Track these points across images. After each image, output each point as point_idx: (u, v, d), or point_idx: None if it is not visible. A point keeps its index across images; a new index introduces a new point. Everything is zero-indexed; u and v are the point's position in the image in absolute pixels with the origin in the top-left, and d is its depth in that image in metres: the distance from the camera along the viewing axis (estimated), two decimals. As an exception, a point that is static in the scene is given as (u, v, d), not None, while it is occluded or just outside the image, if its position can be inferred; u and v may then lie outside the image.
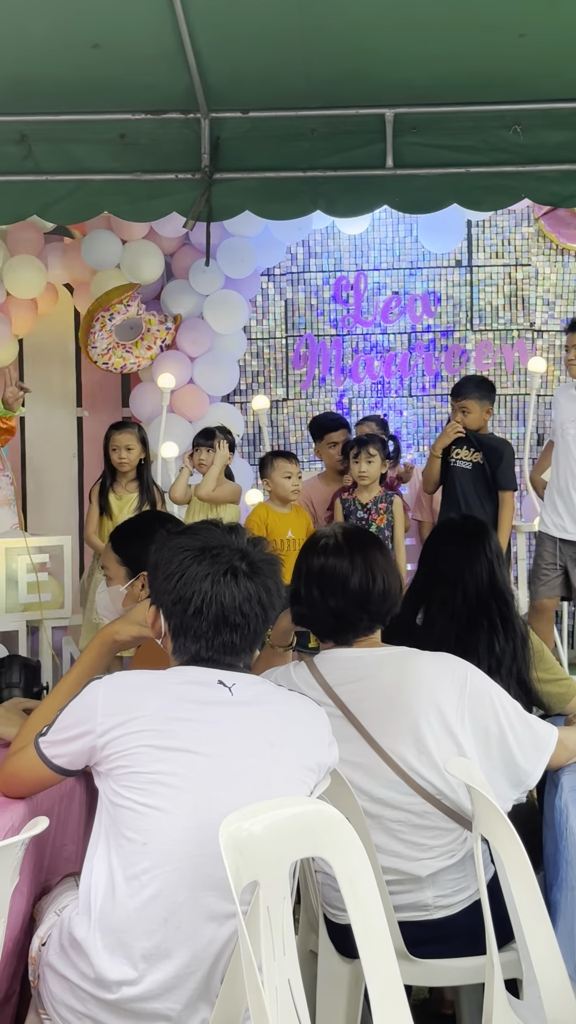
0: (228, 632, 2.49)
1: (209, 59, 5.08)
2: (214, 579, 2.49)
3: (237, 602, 2.48)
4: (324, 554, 3.02)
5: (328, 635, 3.06)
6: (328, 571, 2.99)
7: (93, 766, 2.46)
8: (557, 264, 8.61)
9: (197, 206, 5.45)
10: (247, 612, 2.50)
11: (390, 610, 3.03)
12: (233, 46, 5.01)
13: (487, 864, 2.80)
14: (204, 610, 2.48)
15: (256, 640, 2.56)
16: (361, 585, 2.96)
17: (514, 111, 5.36)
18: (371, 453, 6.57)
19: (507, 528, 6.78)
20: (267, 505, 6.70)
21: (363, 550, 3.01)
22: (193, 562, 2.52)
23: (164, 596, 2.55)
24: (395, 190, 5.51)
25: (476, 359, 8.64)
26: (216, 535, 2.59)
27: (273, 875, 2.13)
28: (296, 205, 5.62)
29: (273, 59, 5.07)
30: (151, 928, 2.30)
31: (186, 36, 4.86)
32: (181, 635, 2.54)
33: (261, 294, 8.76)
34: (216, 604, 2.48)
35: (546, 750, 2.98)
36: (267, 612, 2.54)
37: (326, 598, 2.98)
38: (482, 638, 3.39)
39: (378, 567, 2.99)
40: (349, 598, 2.96)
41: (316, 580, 3.00)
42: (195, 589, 2.49)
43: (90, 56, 4.96)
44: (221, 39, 4.95)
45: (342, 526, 3.15)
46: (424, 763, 2.84)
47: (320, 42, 4.94)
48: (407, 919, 2.89)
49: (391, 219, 8.63)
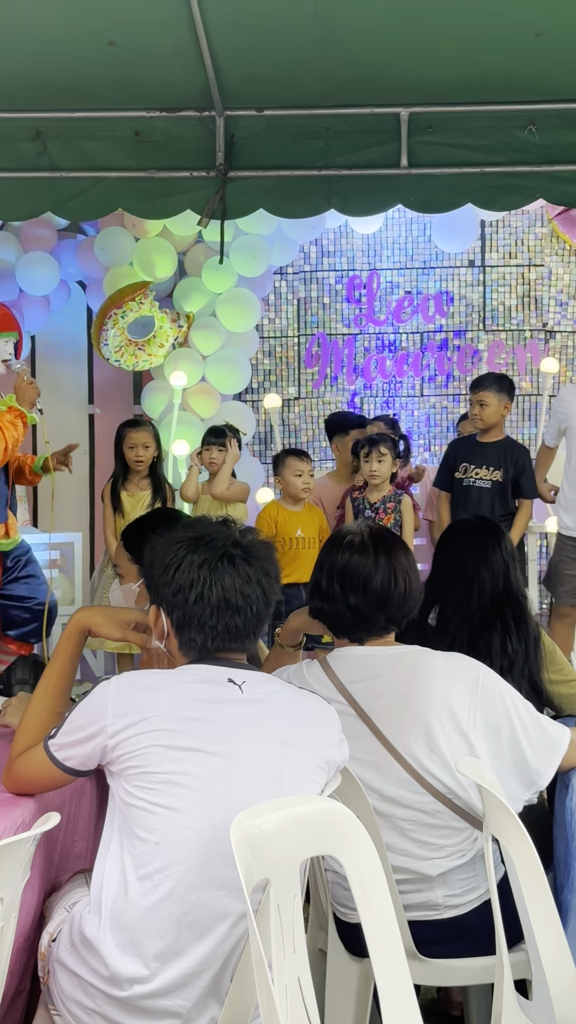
0: (231, 615, 2.49)
1: (224, 57, 5.08)
2: (211, 565, 2.50)
3: (237, 584, 2.49)
4: (349, 551, 3.02)
5: (344, 632, 3.05)
6: (352, 568, 2.99)
7: (105, 765, 2.46)
8: (570, 265, 8.61)
9: (211, 204, 5.45)
10: (248, 594, 2.50)
11: (408, 613, 3.03)
12: (248, 44, 5.01)
13: (497, 864, 2.79)
14: (205, 595, 2.49)
15: (259, 625, 2.55)
16: (383, 585, 2.96)
17: (529, 111, 5.35)
18: (382, 452, 6.56)
19: (521, 531, 6.74)
20: (278, 503, 6.71)
21: (388, 551, 3.01)
22: (188, 551, 2.53)
23: (164, 589, 2.55)
24: (410, 189, 5.50)
25: (488, 359, 8.64)
26: (207, 526, 2.62)
27: (284, 873, 2.13)
28: (310, 204, 5.62)
29: (288, 58, 5.06)
30: (164, 928, 2.30)
31: (202, 34, 4.86)
32: (185, 627, 2.53)
33: (274, 292, 8.77)
34: (217, 587, 2.48)
35: (558, 751, 2.97)
36: (267, 595, 2.54)
37: (347, 595, 2.98)
38: (495, 639, 3.38)
39: (401, 569, 2.99)
40: (370, 597, 2.96)
41: (338, 576, 3.00)
42: (194, 576, 2.50)
43: (106, 53, 4.96)
44: (237, 37, 4.95)
45: (368, 525, 3.14)
46: (435, 762, 2.84)
47: (335, 41, 4.93)
48: (417, 918, 2.88)
49: (404, 218, 8.64)
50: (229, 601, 2.49)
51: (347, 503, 6.83)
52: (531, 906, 2.38)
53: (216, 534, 2.57)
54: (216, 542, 2.54)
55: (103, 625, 2.92)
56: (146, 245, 7.81)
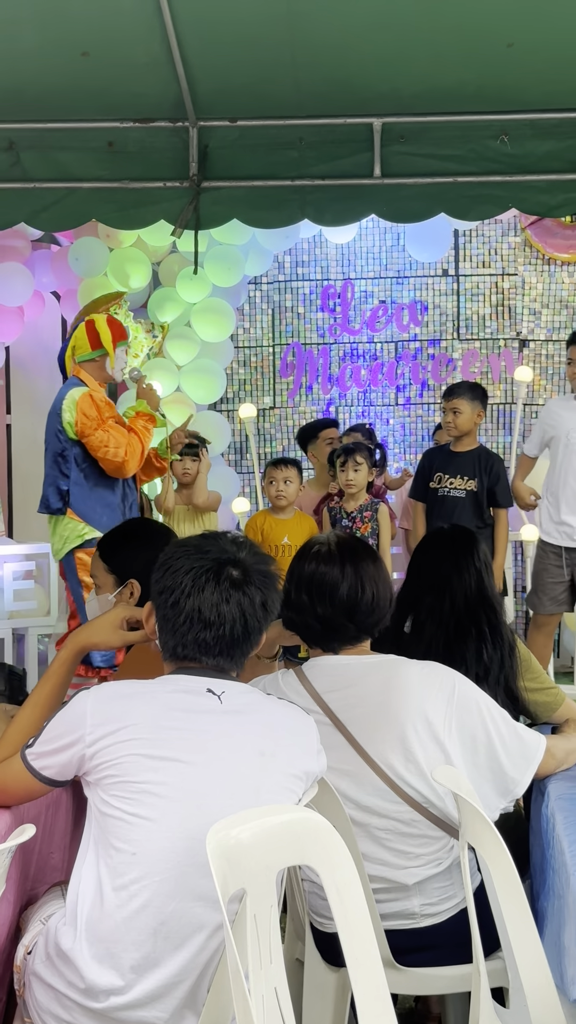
0: (201, 628, 2.49)
1: (198, 68, 5.09)
2: (196, 575, 2.50)
3: (214, 600, 2.48)
4: (316, 561, 3.03)
5: (315, 641, 3.06)
6: (318, 578, 3.00)
7: (82, 775, 2.45)
8: (544, 274, 8.64)
9: (185, 214, 5.46)
10: (223, 612, 2.48)
11: (378, 621, 3.04)
12: (221, 55, 5.01)
13: (474, 872, 2.80)
14: (181, 602, 2.49)
15: (233, 646, 2.52)
16: (350, 594, 2.97)
17: (502, 121, 5.37)
18: (358, 461, 6.57)
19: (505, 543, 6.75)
20: (266, 512, 6.73)
21: (355, 560, 3.02)
22: (184, 556, 2.54)
23: (154, 588, 2.57)
24: (383, 199, 5.52)
25: (463, 368, 8.67)
26: (216, 540, 2.61)
27: (260, 883, 2.13)
28: (284, 214, 5.63)
29: (261, 68, 5.07)
30: (140, 939, 2.29)
31: (175, 45, 4.87)
32: (163, 629, 2.55)
33: (248, 302, 8.78)
34: (194, 598, 2.48)
35: (534, 759, 2.98)
36: (247, 619, 2.51)
37: (315, 605, 2.98)
38: (470, 646, 3.39)
39: (368, 578, 3.00)
40: (337, 606, 2.97)
41: (306, 586, 3.01)
42: (177, 581, 2.50)
43: (79, 64, 4.96)
44: (210, 48, 4.96)
45: (337, 535, 3.15)
46: (411, 771, 2.84)
47: (308, 51, 4.94)
48: (394, 927, 2.88)
49: (378, 228, 8.66)
50: (202, 613, 2.48)
51: (324, 512, 6.83)
52: (507, 914, 2.39)
53: (217, 548, 2.56)
54: (211, 555, 2.54)
55: (102, 641, 2.96)
56: (120, 255, 7.81)
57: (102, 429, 6.00)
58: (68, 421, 5.96)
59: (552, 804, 2.93)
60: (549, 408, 6.78)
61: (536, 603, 6.63)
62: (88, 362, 6.21)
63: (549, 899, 2.72)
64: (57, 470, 6.04)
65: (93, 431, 5.98)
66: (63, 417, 5.97)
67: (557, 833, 2.74)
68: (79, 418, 5.96)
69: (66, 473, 6.01)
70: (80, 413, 5.96)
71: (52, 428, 6.09)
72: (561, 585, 6.47)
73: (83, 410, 5.98)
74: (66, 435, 5.99)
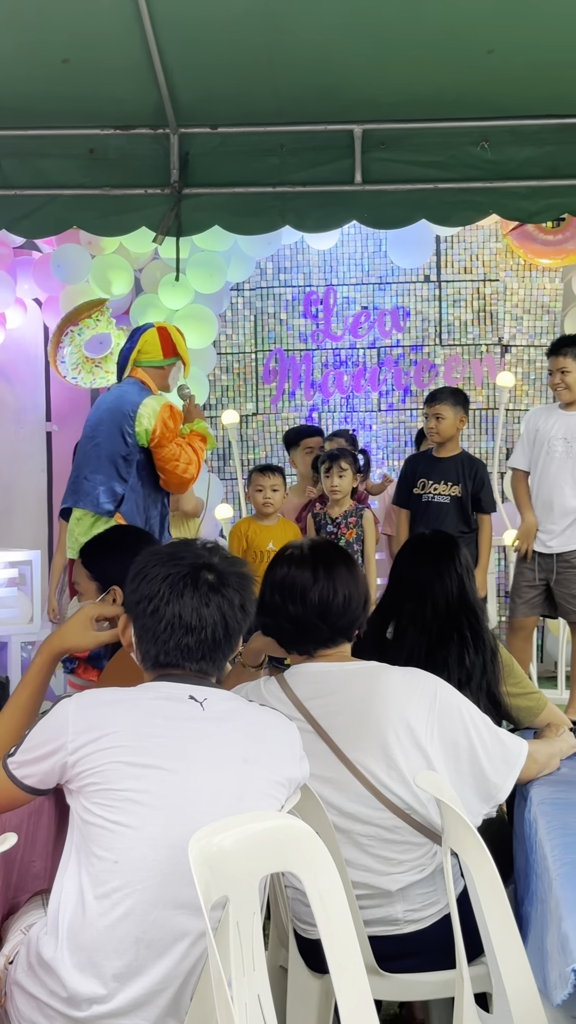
0: (183, 634, 2.49)
1: (178, 75, 5.10)
2: (173, 581, 2.50)
3: (194, 605, 2.49)
4: (288, 564, 3.04)
5: (290, 644, 3.06)
6: (290, 580, 3.00)
7: (64, 783, 2.45)
8: (525, 279, 8.66)
9: (166, 221, 5.47)
10: (204, 616, 2.49)
11: (352, 624, 3.04)
12: (202, 62, 5.03)
13: (457, 878, 2.80)
14: (161, 609, 2.49)
15: (215, 650, 2.53)
16: (322, 596, 2.97)
17: (482, 127, 5.40)
18: (343, 467, 6.57)
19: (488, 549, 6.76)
20: (250, 518, 6.73)
21: (328, 563, 3.02)
22: (158, 564, 2.54)
23: (130, 598, 2.57)
24: (364, 206, 5.53)
25: (445, 374, 8.68)
26: (190, 546, 2.62)
27: (243, 890, 2.12)
28: (265, 220, 5.64)
29: (242, 75, 5.09)
30: (122, 948, 2.28)
31: (155, 52, 4.88)
32: (143, 638, 2.54)
33: (231, 309, 8.78)
34: (174, 604, 2.48)
35: (516, 764, 2.98)
36: (227, 622, 2.52)
37: (287, 606, 2.99)
38: (452, 652, 3.39)
39: (341, 580, 3.00)
40: (309, 608, 2.97)
41: (279, 589, 3.01)
42: (155, 589, 2.50)
43: (59, 71, 4.97)
44: (190, 55, 4.97)
45: (312, 540, 3.16)
46: (393, 778, 2.84)
47: (289, 58, 4.96)
48: (377, 933, 2.88)
49: (360, 234, 8.67)
50: (183, 619, 2.48)
51: (308, 519, 6.83)
52: (490, 920, 2.39)
53: (191, 554, 2.57)
54: (186, 560, 2.54)
55: (75, 642, 2.98)
56: (102, 262, 7.80)
57: (176, 443, 5.89)
58: (146, 428, 5.75)
59: (535, 809, 2.93)
60: (532, 417, 6.78)
61: (511, 606, 6.66)
62: (154, 368, 5.99)
63: (532, 904, 2.72)
64: (114, 472, 5.79)
65: (169, 443, 5.84)
66: (139, 422, 5.75)
67: (539, 838, 2.75)
68: (159, 427, 5.77)
69: (124, 477, 5.82)
70: (161, 423, 5.78)
71: (117, 428, 5.82)
72: (535, 589, 6.49)
73: (164, 420, 5.80)
74: (135, 440, 5.81)
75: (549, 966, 2.36)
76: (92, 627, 2.96)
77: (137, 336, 6.00)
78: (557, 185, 5.45)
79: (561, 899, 2.32)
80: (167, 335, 6.00)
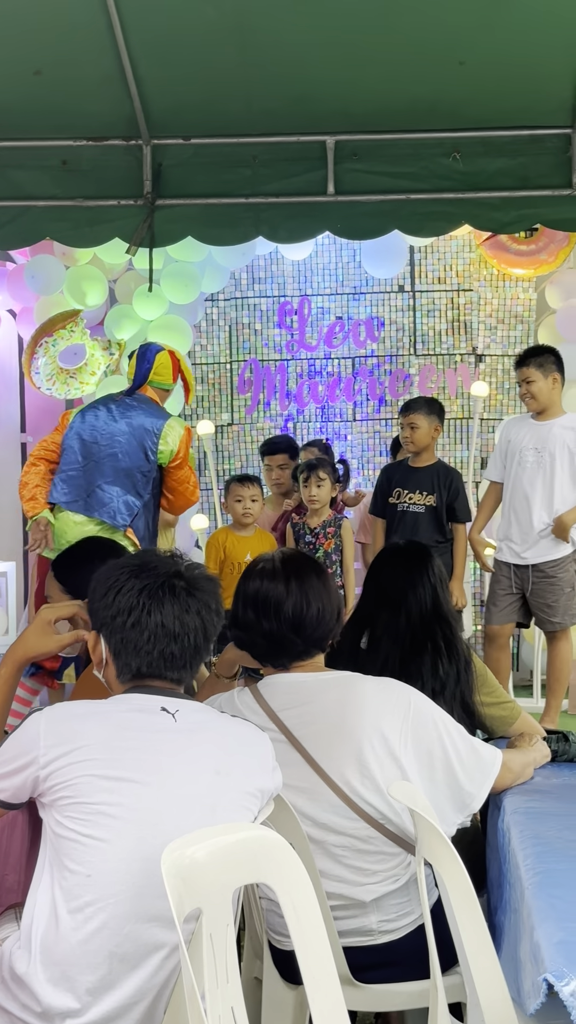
0: (168, 642, 2.49)
1: (150, 86, 5.11)
2: (151, 591, 2.51)
3: (176, 612, 2.50)
4: (261, 578, 3.04)
5: (264, 658, 3.06)
6: (263, 594, 3.00)
7: (37, 797, 2.43)
8: (499, 289, 8.69)
9: (140, 232, 5.47)
10: (186, 622, 2.50)
11: (325, 636, 3.04)
12: (174, 74, 5.04)
13: (431, 888, 2.80)
14: (143, 620, 2.49)
15: (197, 656, 2.54)
16: (295, 609, 2.97)
17: (453, 138, 5.42)
18: (321, 477, 6.59)
19: (463, 558, 6.77)
20: (228, 528, 6.74)
21: (299, 575, 3.02)
22: (131, 577, 2.54)
23: (103, 613, 2.55)
24: (337, 216, 5.55)
25: (419, 383, 8.70)
26: (153, 555, 2.63)
27: (216, 902, 2.12)
28: (238, 231, 5.65)
29: (214, 87, 5.10)
30: (96, 961, 2.27)
31: (127, 64, 4.89)
32: (123, 652, 2.53)
33: (206, 319, 8.79)
34: (156, 614, 2.49)
35: (490, 773, 2.99)
36: (206, 626, 2.54)
37: (260, 621, 2.99)
38: (426, 661, 3.40)
39: (314, 593, 3.00)
40: (283, 622, 2.97)
41: (252, 603, 3.01)
42: (134, 601, 2.50)
43: (31, 83, 4.97)
44: (162, 67, 4.98)
45: (283, 551, 3.16)
46: (368, 787, 2.84)
47: (261, 70, 4.97)
48: (351, 944, 2.88)
49: (334, 245, 8.69)
50: (167, 628, 2.49)
51: (287, 529, 6.83)
52: (464, 929, 2.39)
53: (161, 564, 2.58)
54: (159, 570, 2.55)
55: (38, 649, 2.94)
56: (76, 273, 7.80)
57: (187, 466, 6.00)
58: (171, 448, 5.84)
59: (508, 818, 2.94)
60: (506, 428, 6.80)
61: (486, 614, 6.68)
62: (163, 390, 6.17)
63: (506, 914, 2.72)
64: (131, 486, 5.83)
65: (185, 466, 5.97)
66: (165, 441, 5.83)
67: (512, 847, 2.75)
68: (182, 449, 5.90)
69: (141, 493, 5.88)
70: (183, 445, 5.91)
71: (140, 443, 5.85)
72: (510, 597, 6.50)
73: (184, 442, 5.93)
74: (156, 458, 5.86)
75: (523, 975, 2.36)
76: (52, 630, 2.94)
77: (153, 356, 6.09)
78: (529, 196, 5.49)
79: (534, 908, 2.32)
80: (176, 361, 6.17)
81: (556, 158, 5.45)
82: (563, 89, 5.17)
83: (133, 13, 4.74)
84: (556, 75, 5.12)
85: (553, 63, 5.04)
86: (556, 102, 5.26)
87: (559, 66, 5.06)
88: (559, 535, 6.33)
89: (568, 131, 5.40)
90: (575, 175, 5.41)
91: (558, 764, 3.45)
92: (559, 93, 5.20)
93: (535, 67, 5.01)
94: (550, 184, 5.47)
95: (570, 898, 2.33)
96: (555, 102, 5.26)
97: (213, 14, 4.69)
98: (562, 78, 5.12)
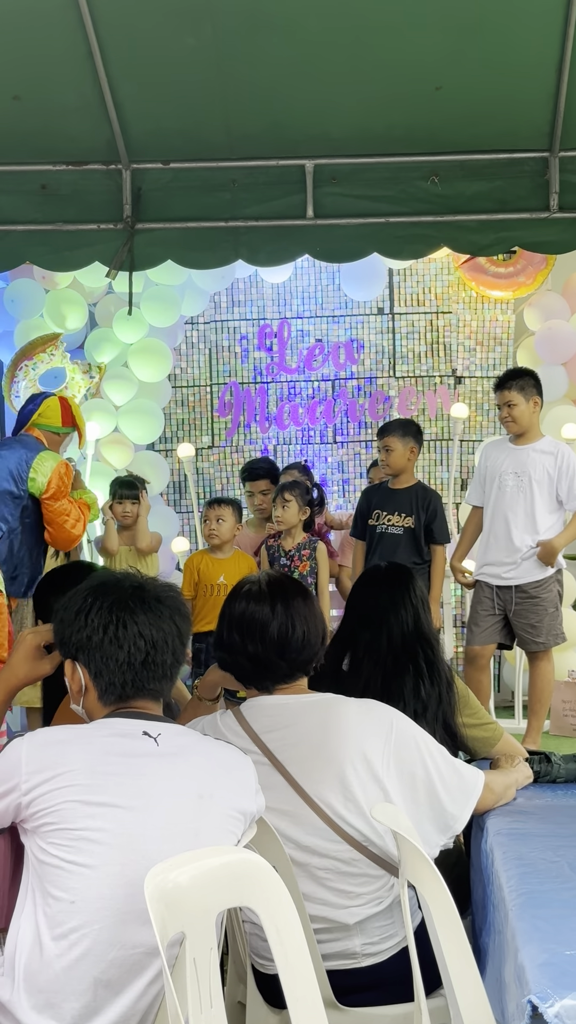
0: (148, 650, 2.50)
1: (130, 111, 5.13)
2: (121, 605, 2.52)
3: (151, 620, 2.51)
4: (246, 600, 3.03)
5: (248, 680, 3.06)
6: (248, 617, 3.00)
7: (19, 823, 2.42)
8: (478, 311, 8.73)
9: (119, 256, 5.48)
10: (163, 628, 2.52)
11: (310, 659, 3.03)
12: (153, 98, 5.06)
13: (414, 910, 2.79)
14: (120, 634, 2.49)
15: (176, 664, 2.55)
16: (280, 633, 2.97)
17: (432, 162, 5.45)
18: (286, 499, 6.58)
19: (441, 579, 6.78)
20: (203, 551, 6.73)
21: (285, 598, 3.02)
22: (96, 597, 2.54)
23: (77, 637, 2.54)
24: (316, 239, 5.57)
25: (399, 405, 8.73)
26: (109, 575, 2.65)
27: (200, 926, 2.11)
28: (218, 254, 5.67)
29: (193, 111, 5.12)
30: (81, 988, 2.26)
31: (106, 88, 4.91)
32: (104, 671, 2.52)
33: (185, 342, 8.81)
34: (132, 625, 2.50)
35: (473, 794, 2.99)
36: (181, 631, 2.56)
37: (245, 644, 2.98)
38: (408, 682, 3.40)
39: (299, 616, 3.00)
40: (268, 645, 2.97)
41: (237, 626, 3.01)
42: (107, 618, 2.51)
43: (11, 108, 4.99)
44: (141, 91, 5.00)
45: (268, 574, 3.16)
46: (351, 810, 2.83)
47: (240, 94, 5.00)
48: (335, 967, 2.87)
49: (314, 268, 8.72)
50: (145, 636, 2.49)
51: (263, 551, 6.83)
52: (448, 952, 2.39)
53: (119, 580, 2.60)
54: (122, 585, 2.57)
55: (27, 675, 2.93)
56: (56, 297, 7.81)
57: (67, 500, 6.15)
58: (42, 479, 6.03)
59: (491, 840, 2.94)
60: (484, 452, 6.81)
61: (468, 635, 6.68)
62: (51, 433, 6.35)
63: (490, 935, 2.72)
64: None
65: (62, 497, 6.11)
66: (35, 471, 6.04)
67: (496, 869, 2.75)
68: (55, 481, 6.06)
69: (6, 516, 5.97)
70: (57, 477, 6.08)
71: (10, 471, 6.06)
72: (492, 618, 6.50)
73: (60, 475, 6.11)
74: (26, 486, 6.04)
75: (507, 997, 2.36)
76: (40, 655, 2.93)
77: (40, 400, 6.36)
78: (507, 219, 5.52)
79: (517, 930, 2.32)
80: (67, 406, 6.42)
81: (533, 181, 5.48)
82: (540, 113, 5.21)
83: (112, 39, 4.76)
84: (532, 100, 5.15)
85: (529, 87, 5.08)
86: (533, 126, 5.30)
87: (535, 91, 5.10)
88: (545, 560, 6.35)
89: (545, 154, 5.43)
90: (552, 198, 5.44)
91: (540, 785, 3.45)
92: (536, 117, 5.23)
93: (511, 91, 5.05)
94: (528, 207, 5.50)
95: (554, 919, 2.33)
96: (532, 126, 5.30)
97: (192, 40, 4.71)
98: (538, 102, 5.16)
